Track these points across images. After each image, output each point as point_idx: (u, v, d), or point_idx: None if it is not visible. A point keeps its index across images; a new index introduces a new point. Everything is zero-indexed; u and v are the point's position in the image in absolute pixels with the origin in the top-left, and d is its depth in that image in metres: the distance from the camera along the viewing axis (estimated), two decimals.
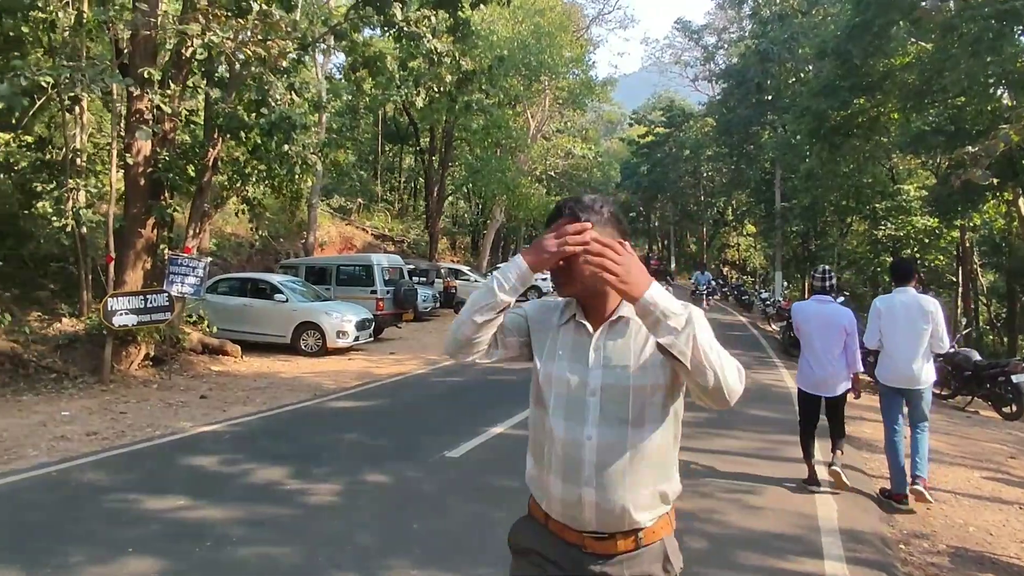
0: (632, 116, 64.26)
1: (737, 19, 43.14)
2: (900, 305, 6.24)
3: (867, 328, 6.47)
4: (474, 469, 6.64)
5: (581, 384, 1.91)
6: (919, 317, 6.14)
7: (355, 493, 5.89)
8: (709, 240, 56.84)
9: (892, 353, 6.25)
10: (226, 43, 11.17)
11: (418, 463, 6.79)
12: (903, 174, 31.01)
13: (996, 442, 9.60)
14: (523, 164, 35.65)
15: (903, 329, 6.17)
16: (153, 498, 5.66)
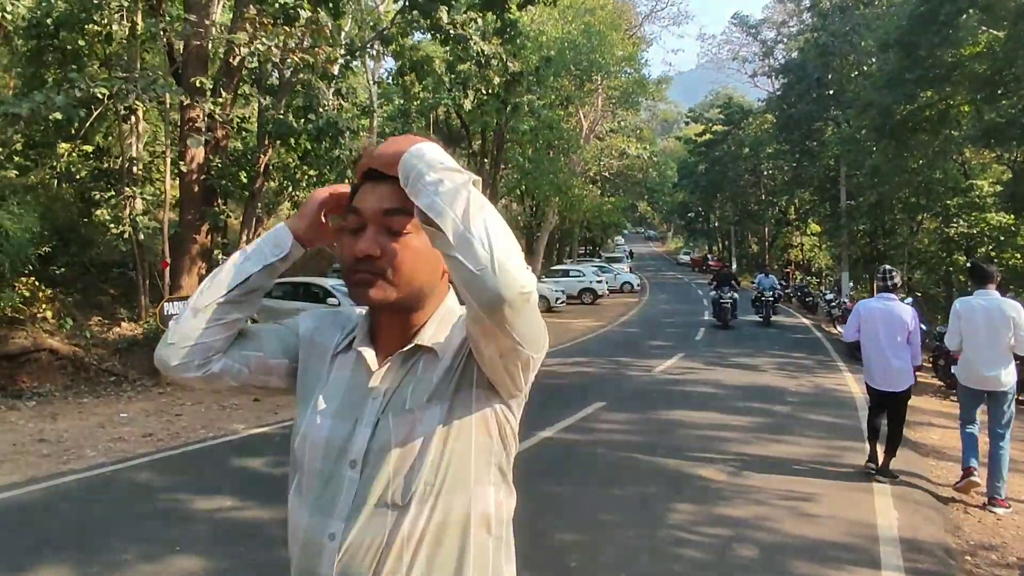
0: (688, 114, 63.50)
1: (796, 12, 42.22)
2: (980, 308, 6.31)
3: (948, 330, 6.65)
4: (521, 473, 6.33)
5: (341, 450, 1.26)
6: (1000, 320, 6.20)
7: None
8: (771, 240, 55.58)
9: (972, 356, 6.34)
10: (273, 51, 11.42)
11: None
12: (976, 169, 29.81)
13: None
14: (576, 165, 35.55)
15: (983, 332, 6.25)
16: (203, 498, 5.80)
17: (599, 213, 36.61)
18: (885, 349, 6.73)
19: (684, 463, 7.02)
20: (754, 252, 59.06)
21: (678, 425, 8.82)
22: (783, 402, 10.60)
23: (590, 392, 10.95)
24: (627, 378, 12.67)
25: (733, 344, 18.53)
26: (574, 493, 6.08)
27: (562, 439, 7.98)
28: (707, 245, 75.54)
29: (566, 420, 8.83)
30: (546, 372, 13.13)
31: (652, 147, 50.62)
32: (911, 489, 6.51)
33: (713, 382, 12.37)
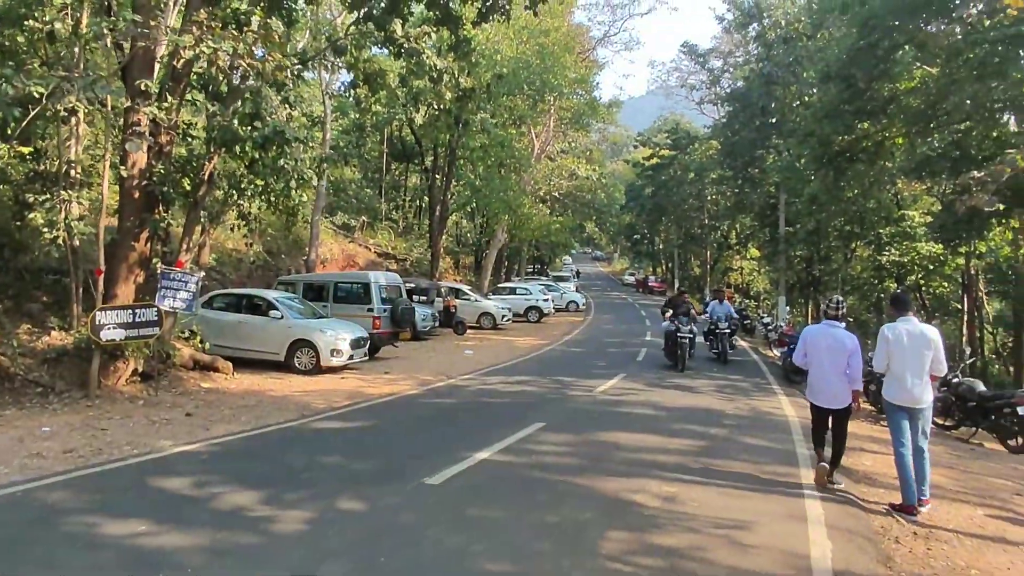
0: (637, 138, 64.24)
1: (743, 43, 43.07)
2: (905, 333, 6.92)
3: (876, 353, 7.16)
4: (454, 497, 6.35)
5: None
6: (923, 344, 6.86)
7: (326, 521, 5.61)
8: (713, 263, 56.51)
9: (899, 376, 6.91)
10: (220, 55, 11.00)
11: (396, 489, 6.50)
12: (908, 200, 30.76)
13: (1001, 477, 9.25)
14: (526, 184, 35.52)
15: (909, 354, 6.86)
16: (115, 522, 5.40)
17: (548, 232, 36.63)
18: (829, 372, 7.38)
19: (621, 487, 6.84)
20: (696, 275, 59.84)
21: (616, 447, 8.65)
22: (720, 425, 10.54)
23: (531, 412, 10.74)
24: (569, 398, 12.49)
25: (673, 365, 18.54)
26: (508, 519, 5.84)
27: (499, 461, 7.73)
28: (652, 266, 76.38)
29: (505, 441, 8.59)
30: (489, 391, 12.97)
31: (601, 169, 50.91)
32: (844, 516, 6.44)
33: (652, 403, 12.27)
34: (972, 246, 22.33)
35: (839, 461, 7.59)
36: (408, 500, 6.22)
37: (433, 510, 5.97)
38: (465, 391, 13.01)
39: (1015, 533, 6.57)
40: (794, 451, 8.87)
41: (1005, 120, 17.36)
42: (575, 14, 41.32)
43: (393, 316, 18.84)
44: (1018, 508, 7.60)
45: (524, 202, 32.94)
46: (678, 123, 58.33)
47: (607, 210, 59.39)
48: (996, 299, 32.59)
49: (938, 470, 8.89)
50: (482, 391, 13.05)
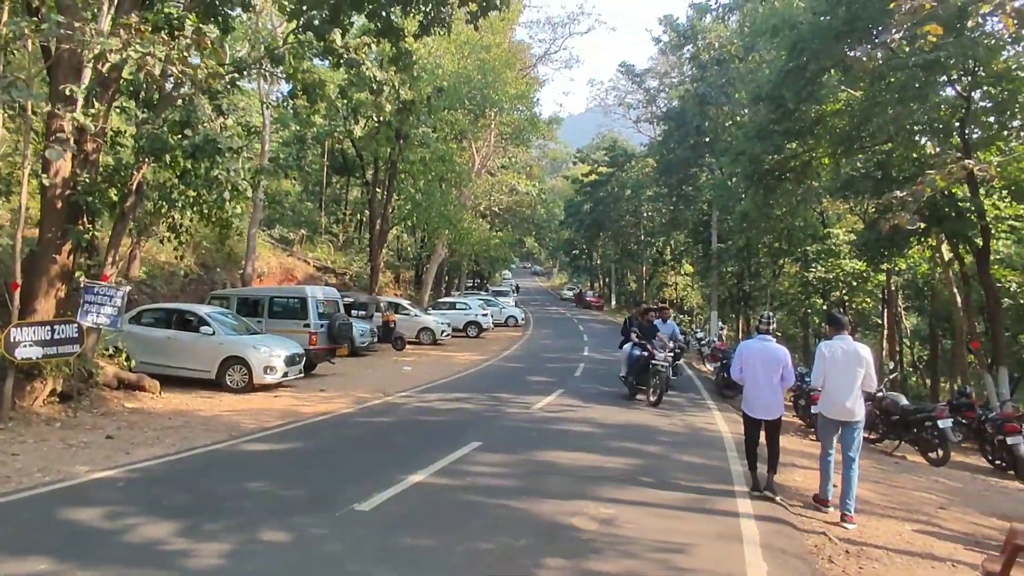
0: (576, 155, 64.82)
1: (678, 64, 43.90)
2: (841, 350, 7.26)
3: (813, 369, 7.50)
4: (384, 525, 6.02)
5: None
6: (856, 362, 7.18)
7: (245, 555, 5.23)
8: (648, 279, 57.24)
9: (833, 391, 7.23)
10: (149, 60, 10.47)
11: (324, 517, 6.14)
12: (833, 219, 31.66)
13: (925, 490, 9.38)
14: (467, 199, 35.32)
15: (843, 371, 7.18)
16: (12, 561, 4.93)
17: (487, 247, 36.46)
18: (763, 384, 7.63)
19: (557, 510, 6.62)
20: (633, 289, 60.51)
21: (553, 468, 8.43)
22: (656, 442, 10.44)
23: (468, 431, 10.46)
24: (506, 416, 12.23)
25: (610, 381, 18.48)
26: (440, 547, 5.55)
27: (432, 484, 7.42)
28: (590, 281, 76.98)
29: (439, 462, 8.28)
30: (426, 408, 12.63)
31: (541, 184, 51.13)
32: (779, 535, 6.36)
33: (589, 420, 12.12)
34: (893, 263, 23.00)
35: (776, 468, 7.82)
36: (336, 529, 5.87)
37: (361, 539, 5.64)
38: (402, 409, 12.65)
39: (941, 548, 6.60)
40: (728, 468, 8.81)
41: (924, 143, 17.92)
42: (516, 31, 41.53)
43: (330, 332, 18.33)
44: (943, 522, 7.68)
45: (464, 216, 32.74)
46: (616, 141, 59.08)
47: (546, 225, 59.77)
48: (913, 314, 33.78)
49: (866, 485, 8.97)
50: (419, 409, 12.71)
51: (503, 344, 29.08)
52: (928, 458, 12.12)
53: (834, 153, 19.30)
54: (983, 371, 18.61)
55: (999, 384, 17.63)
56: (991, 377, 18.01)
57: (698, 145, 37.79)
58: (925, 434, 12.24)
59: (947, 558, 6.31)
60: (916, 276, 27.55)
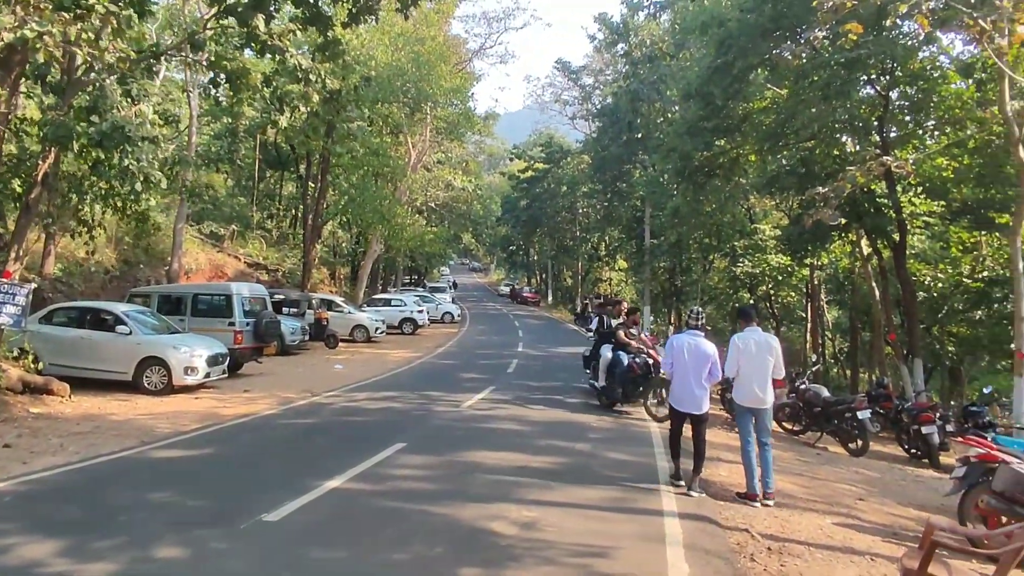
0: (512, 151, 64.55)
1: (613, 62, 44.10)
2: (753, 342, 7.61)
3: (728, 360, 7.73)
4: (292, 536, 5.60)
5: None
6: (767, 351, 7.58)
7: None
8: (584, 274, 57.51)
9: (747, 380, 7.58)
10: (47, 39, 9.69)
11: (228, 530, 5.68)
12: (760, 215, 32.21)
13: (845, 482, 9.40)
14: (402, 194, 34.70)
15: (756, 361, 7.53)
16: None
17: (422, 242, 35.86)
18: (691, 378, 7.67)
19: (479, 514, 6.31)
20: (569, 285, 60.77)
21: (478, 468, 8.11)
22: (585, 439, 10.23)
23: (393, 432, 10.04)
24: (434, 415, 11.85)
25: (543, 376, 18.32)
26: (351, 560, 5.17)
27: (349, 490, 7.01)
28: (527, 277, 77.02)
29: (360, 466, 7.87)
30: (353, 408, 12.14)
31: (477, 180, 50.69)
32: (702, 535, 6.18)
33: (519, 418, 11.85)
34: (816, 258, 23.46)
35: (701, 467, 7.77)
36: (238, 543, 5.42)
37: (266, 554, 5.21)
38: (327, 409, 12.15)
39: (860, 542, 6.55)
40: (655, 465, 8.65)
41: (845, 140, 18.25)
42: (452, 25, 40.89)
43: (257, 330, 17.58)
44: (862, 514, 7.67)
45: (399, 212, 32.06)
46: (552, 137, 59.06)
47: (483, 221, 59.51)
48: (835, 308, 34.64)
49: (788, 478, 8.95)
50: (345, 409, 12.22)
51: (438, 341, 28.65)
52: (848, 448, 12.25)
53: (760, 150, 19.52)
54: (900, 362, 19.08)
55: (914, 375, 18.10)
56: (907, 368, 18.48)
57: (631, 142, 38.01)
58: (845, 425, 12.38)
59: (866, 551, 6.24)
60: (837, 271, 28.19)
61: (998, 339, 20.19)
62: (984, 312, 20.22)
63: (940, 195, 18.59)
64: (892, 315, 20.77)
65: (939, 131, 17.13)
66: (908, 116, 16.84)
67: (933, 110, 16.06)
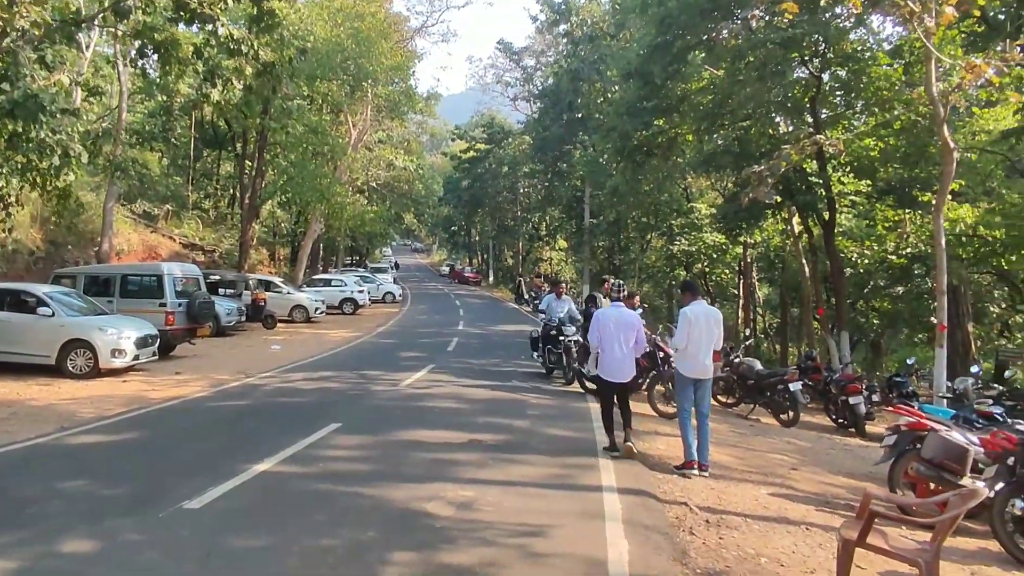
0: (454, 131, 63.69)
1: (554, 44, 43.81)
2: (702, 314, 7.61)
3: (677, 332, 7.73)
4: (214, 524, 5.21)
5: None
6: (713, 323, 7.60)
7: (36, 572, 4.33)
8: (525, 254, 57.39)
9: (695, 352, 7.51)
10: None
11: (144, 519, 5.26)
12: (696, 194, 32.48)
13: (778, 452, 9.45)
14: (343, 173, 33.83)
15: (704, 332, 7.51)
16: None
17: (362, 222, 35.06)
18: (616, 348, 7.83)
19: (413, 495, 6.02)
20: (509, 265, 60.61)
21: (414, 448, 7.81)
22: (524, 416, 10.01)
23: (328, 412, 9.66)
24: (372, 394, 11.47)
25: (484, 353, 18.09)
26: (274, 547, 4.82)
27: (279, 473, 6.63)
28: (468, 257, 76.58)
29: (291, 448, 7.48)
30: (288, 389, 11.65)
31: (419, 160, 49.82)
32: (641, 509, 6.03)
33: (458, 396, 11.57)
34: (750, 236, 23.75)
35: (631, 424, 8.15)
36: (155, 533, 5.01)
37: (183, 543, 4.82)
38: (261, 391, 11.65)
39: (795, 511, 6.52)
40: (594, 439, 8.48)
41: (779, 121, 18.41)
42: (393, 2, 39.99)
43: (190, 311, 16.78)
44: (795, 483, 7.67)
45: (339, 191, 31.20)
46: (493, 118, 58.52)
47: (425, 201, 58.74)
48: (765, 284, 35.31)
49: (723, 449, 8.93)
50: (280, 390, 11.74)
51: (379, 320, 28.11)
52: (780, 420, 12.38)
53: (698, 130, 19.55)
54: (827, 336, 19.49)
55: (841, 348, 18.50)
56: (834, 341, 18.88)
57: (572, 122, 37.90)
58: (777, 397, 12.51)
59: (801, 521, 6.20)
60: (769, 249, 28.64)
61: (916, 313, 20.85)
62: (904, 288, 20.79)
63: (868, 174, 18.95)
64: (821, 291, 21.17)
65: (867, 112, 17.38)
66: (839, 97, 17.04)
67: (863, 91, 16.27)
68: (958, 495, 4.30)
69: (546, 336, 14.02)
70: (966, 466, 6.46)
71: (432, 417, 9.68)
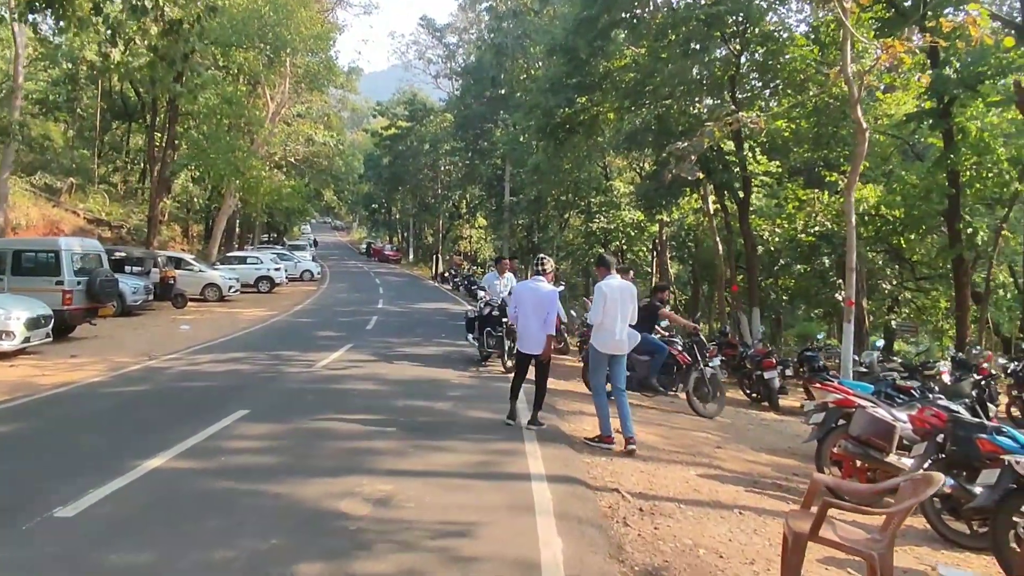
0: (376, 108, 61.67)
1: (477, 22, 42.81)
2: (617, 288, 7.35)
3: (593, 307, 7.43)
4: (88, 536, 4.37)
5: None
6: (628, 298, 7.39)
7: None
8: (445, 232, 56.37)
9: (611, 327, 7.27)
10: None
11: (2, 534, 4.41)
12: (615, 172, 32.34)
13: (701, 430, 9.19)
14: (259, 147, 32.07)
15: (619, 308, 7.27)
16: None
17: (279, 197, 33.37)
18: (532, 321, 7.67)
19: (325, 491, 5.33)
20: (429, 243, 59.57)
21: (328, 436, 7.08)
22: (445, 398, 9.38)
23: (236, 397, 8.78)
24: (284, 376, 10.61)
25: (404, 332, 17.36)
26: (156, 562, 4.06)
27: (174, 469, 5.80)
28: (389, 235, 75.00)
29: (191, 439, 6.63)
30: (193, 373, 10.56)
31: (340, 136, 47.92)
32: (572, 499, 5.53)
33: (377, 377, 10.83)
34: (669, 213, 23.73)
35: (542, 403, 7.86)
36: (16, 549, 4.16)
37: (47, 563, 4.00)
38: (164, 375, 10.59)
39: (725, 494, 6.21)
40: (520, 423, 7.96)
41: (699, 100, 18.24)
42: None
43: (90, 289, 15.30)
44: (722, 463, 7.39)
45: (254, 164, 29.46)
46: (415, 95, 56.98)
47: (345, 178, 56.94)
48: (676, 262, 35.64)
49: (649, 428, 8.60)
50: (184, 374, 10.71)
51: (296, 299, 26.85)
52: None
53: (620, 108, 19.24)
54: (740, 312, 19.61)
55: (752, 323, 18.63)
56: (746, 318, 18.99)
57: (494, 101, 37.19)
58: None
59: (733, 504, 5.89)
60: (683, 227, 28.77)
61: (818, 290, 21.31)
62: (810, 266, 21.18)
63: (781, 154, 19.05)
64: (735, 268, 21.31)
65: (783, 94, 17.37)
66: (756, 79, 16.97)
67: (779, 72, 16.22)
68: (910, 481, 3.95)
69: (486, 317, 12.67)
70: (892, 443, 6.26)
71: (348, 401, 8.94)
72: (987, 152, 15.32)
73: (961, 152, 15.15)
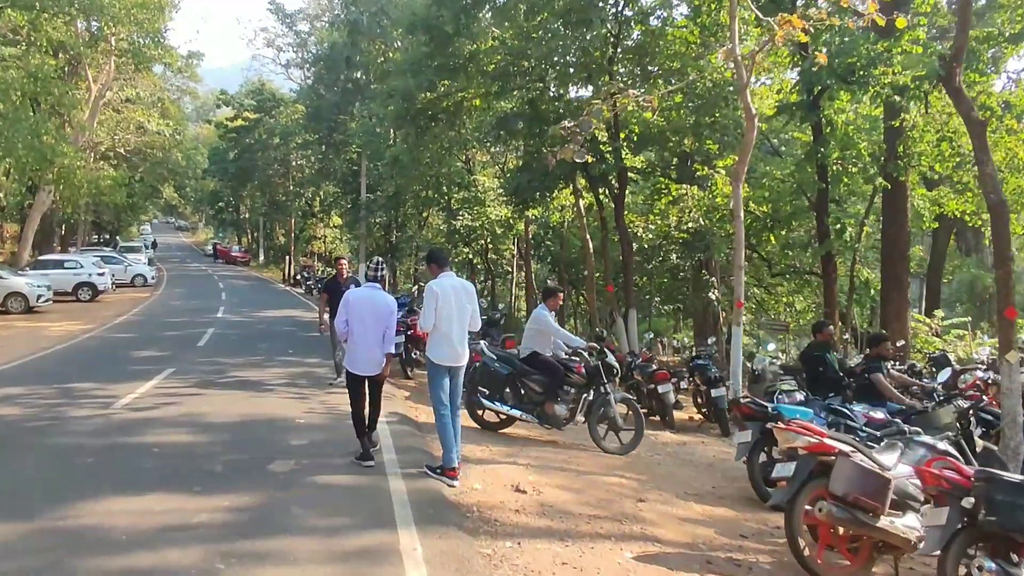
0: (220, 97, 55.87)
1: (329, 8, 39.46)
2: (451, 288, 6.20)
3: (423, 311, 6.22)
4: None
5: None
6: (465, 298, 6.25)
7: None
8: (298, 232, 52.13)
9: (448, 333, 6.11)
10: None
11: None
12: (478, 167, 30.41)
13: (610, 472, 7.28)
14: (78, 134, 27.32)
15: (456, 311, 6.14)
16: None
17: (98, 190, 28.57)
18: (370, 336, 6.28)
19: None
20: (282, 244, 55.12)
21: (92, 547, 4.42)
22: (285, 450, 6.77)
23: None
24: (64, 425, 7.60)
25: (243, 348, 14.54)
26: None
27: None
28: (237, 236, 69.28)
29: None
30: None
31: (178, 125, 42.55)
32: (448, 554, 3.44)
33: (193, 420, 7.99)
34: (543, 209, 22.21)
35: (375, 427, 6.65)
36: None
37: None
38: None
39: None
40: (389, 488, 5.71)
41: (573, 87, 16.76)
42: None
43: None
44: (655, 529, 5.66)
45: (66, 151, 24.71)
46: (264, 84, 52.26)
47: (185, 172, 51.46)
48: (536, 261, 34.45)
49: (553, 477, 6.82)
50: None
51: (121, 308, 22.77)
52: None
53: (487, 93, 17.36)
54: (616, 315, 18.35)
55: (629, 327, 17.38)
56: (622, 320, 17.72)
57: (348, 90, 34.28)
58: None
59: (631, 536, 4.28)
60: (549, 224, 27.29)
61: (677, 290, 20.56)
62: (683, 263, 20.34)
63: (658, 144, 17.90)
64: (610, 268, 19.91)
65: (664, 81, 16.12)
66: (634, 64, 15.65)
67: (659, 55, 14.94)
68: None
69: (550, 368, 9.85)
70: (885, 502, 4.69)
71: (143, 466, 6.21)
72: (851, 146, 14.83)
73: (830, 146, 14.54)
